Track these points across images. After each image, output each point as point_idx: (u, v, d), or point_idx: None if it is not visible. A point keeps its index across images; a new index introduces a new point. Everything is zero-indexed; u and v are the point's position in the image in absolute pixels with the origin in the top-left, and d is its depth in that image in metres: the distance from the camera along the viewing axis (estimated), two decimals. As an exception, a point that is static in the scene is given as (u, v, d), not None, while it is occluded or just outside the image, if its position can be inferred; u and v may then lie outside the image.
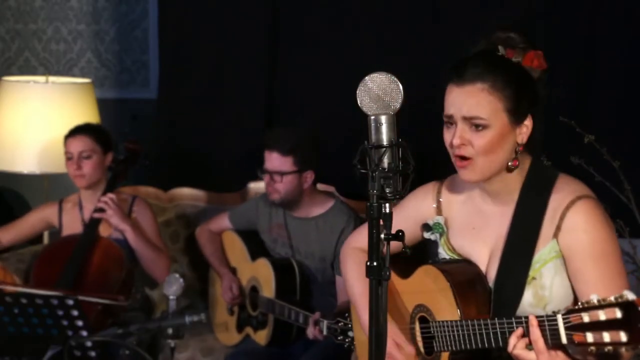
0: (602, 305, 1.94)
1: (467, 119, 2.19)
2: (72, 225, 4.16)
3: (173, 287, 3.09)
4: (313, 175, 3.84)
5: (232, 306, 4.07)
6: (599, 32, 4.27)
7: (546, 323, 2.03)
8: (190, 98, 5.05)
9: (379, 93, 1.86)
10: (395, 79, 1.87)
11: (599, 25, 4.27)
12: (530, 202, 2.25)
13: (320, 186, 4.01)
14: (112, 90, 5.37)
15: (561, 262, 2.22)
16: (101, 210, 4.01)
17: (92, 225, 4.04)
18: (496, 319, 2.15)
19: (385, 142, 1.85)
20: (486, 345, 2.17)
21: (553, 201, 2.23)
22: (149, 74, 5.36)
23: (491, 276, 2.29)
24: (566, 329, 2.00)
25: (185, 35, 5.01)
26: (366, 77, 1.88)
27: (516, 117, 2.20)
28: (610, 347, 1.93)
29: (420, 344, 2.45)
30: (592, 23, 4.28)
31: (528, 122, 2.23)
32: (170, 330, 2.97)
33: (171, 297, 3.07)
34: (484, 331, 2.16)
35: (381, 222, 1.88)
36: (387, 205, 1.85)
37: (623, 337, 1.91)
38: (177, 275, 3.12)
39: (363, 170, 1.88)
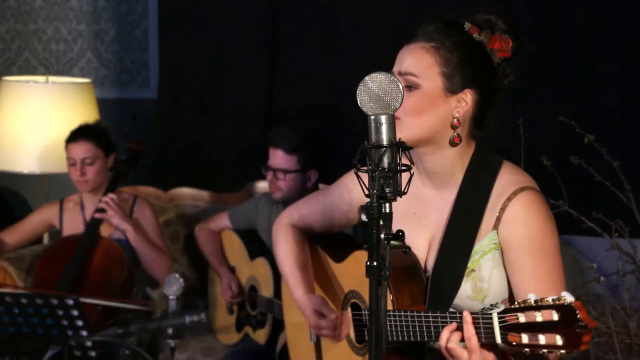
0: (540, 306, 1.89)
1: (402, 75, 2.15)
2: (73, 225, 4.16)
3: (173, 287, 3.08)
4: (317, 174, 3.85)
5: (232, 305, 4.07)
6: (599, 32, 4.27)
7: (481, 321, 1.98)
8: (190, 98, 5.05)
9: (379, 93, 1.86)
10: (395, 78, 1.86)
11: (599, 25, 4.27)
12: (472, 190, 2.20)
13: (320, 187, 4.02)
14: (112, 90, 5.37)
15: (499, 254, 2.18)
16: (102, 210, 4.01)
17: (93, 225, 4.04)
18: (430, 312, 2.09)
19: (385, 142, 1.85)
20: (418, 338, 2.11)
21: (495, 190, 2.18)
22: (149, 74, 5.36)
23: (430, 265, 2.23)
24: (501, 328, 1.94)
25: (185, 35, 5.01)
26: (366, 77, 1.87)
27: (452, 84, 2.14)
28: (544, 350, 1.88)
29: (352, 332, 2.42)
30: (592, 23, 4.28)
31: (467, 98, 2.16)
32: (170, 330, 2.96)
33: (171, 297, 3.07)
34: (417, 323, 2.10)
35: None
36: (387, 205, 1.85)
37: (559, 340, 1.86)
38: (177, 275, 3.12)
39: (363, 170, 1.88)
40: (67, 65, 5.39)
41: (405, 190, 1.87)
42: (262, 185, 4.60)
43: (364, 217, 2.37)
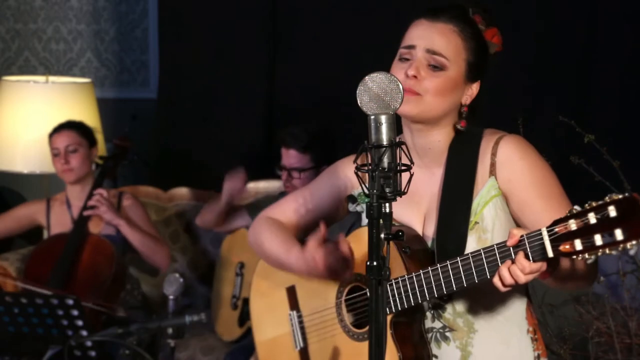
0: (594, 207, 1.87)
1: (430, 53, 2.15)
2: (60, 223, 4.16)
3: (173, 287, 3.08)
4: None
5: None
6: (599, 32, 4.27)
7: (526, 241, 1.97)
8: (190, 98, 5.05)
9: (379, 93, 1.86)
10: (395, 78, 1.86)
11: (599, 25, 4.27)
12: (461, 154, 2.21)
13: None
14: (112, 90, 5.37)
15: (501, 200, 2.18)
16: (92, 207, 4.01)
17: (81, 223, 4.04)
18: (469, 254, 2.07)
19: (385, 142, 1.85)
20: (446, 289, 2.09)
21: (482, 146, 2.20)
22: (149, 74, 5.36)
23: (428, 235, 2.23)
24: (552, 241, 1.93)
25: (185, 35, 5.01)
26: (366, 77, 1.87)
27: (472, 72, 2.18)
28: (602, 251, 1.85)
29: (347, 318, 2.37)
30: (592, 23, 4.29)
31: (475, 87, 2.21)
32: (170, 330, 2.96)
33: (171, 297, 3.07)
34: (450, 272, 2.08)
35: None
36: (387, 205, 1.85)
37: (619, 235, 1.83)
38: (177, 275, 3.12)
39: (363, 170, 1.88)
40: (67, 65, 5.39)
41: (405, 190, 1.87)
42: (262, 185, 4.60)
43: (351, 208, 2.37)
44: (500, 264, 2.02)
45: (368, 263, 1.85)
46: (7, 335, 3.44)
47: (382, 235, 1.85)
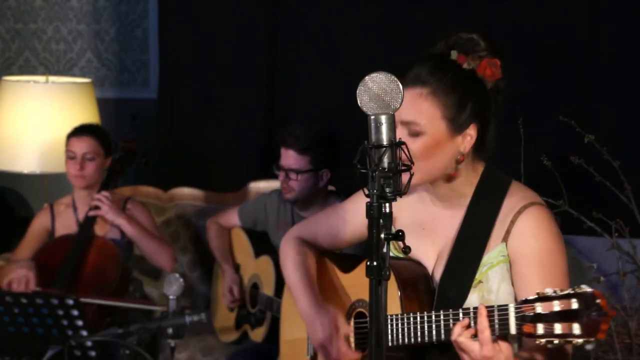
0: (559, 295, 1.90)
1: (404, 124, 2.16)
2: (66, 227, 4.15)
3: (173, 287, 3.08)
4: (329, 174, 3.81)
5: (232, 306, 4.07)
6: (599, 32, 4.27)
7: (496, 313, 2.00)
8: (190, 98, 5.05)
9: (379, 93, 1.86)
10: (395, 78, 1.86)
11: (599, 26, 4.27)
12: (482, 206, 2.22)
13: (330, 188, 3.99)
14: (112, 90, 5.37)
15: (507, 267, 2.19)
16: (96, 208, 4.01)
17: (87, 225, 4.03)
18: (441, 311, 2.11)
19: (385, 142, 1.85)
20: (427, 339, 2.13)
21: (505, 205, 2.21)
22: (149, 74, 5.36)
23: (437, 277, 2.25)
24: (517, 319, 1.96)
25: (185, 35, 5.01)
26: (366, 77, 1.87)
27: (456, 126, 2.17)
28: (560, 340, 1.88)
29: (352, 340, 2.42)
30: (592, 24, 4.29)
31: (472, 132, 2.19)
32: (170, 330, 2.97)
33: (171, 297, 3.07)
34: (426, 324, 2.13)
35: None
36: (387, 205, 1.85)
37: (576, 329, 1.86)
38: (177, 275, 3.12)
39: (363, 170, 1.88)
40: (67, 65, 5.39)
41: (405, 191, 1.87)
42: (262, 185, 4.59)
43: None
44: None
45: (368, 263, 1.85)
46: (7, 335, 3.44)
47: (382, 235, 1.85)
